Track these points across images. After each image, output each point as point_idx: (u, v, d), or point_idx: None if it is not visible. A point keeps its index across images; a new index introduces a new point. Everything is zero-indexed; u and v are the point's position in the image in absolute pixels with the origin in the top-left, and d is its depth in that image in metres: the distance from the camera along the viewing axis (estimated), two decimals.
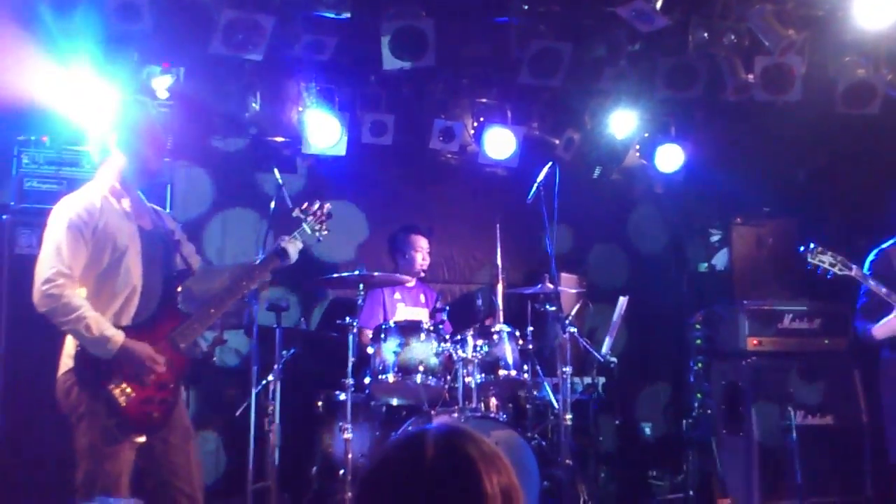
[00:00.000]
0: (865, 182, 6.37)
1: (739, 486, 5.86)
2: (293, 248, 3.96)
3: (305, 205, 4.13)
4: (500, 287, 5.70)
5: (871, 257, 4.91)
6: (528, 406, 5.62)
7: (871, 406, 5.74)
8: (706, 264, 6.89)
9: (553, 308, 5.50)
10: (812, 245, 4.77)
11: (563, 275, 5.93)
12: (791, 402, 5.75)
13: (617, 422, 6.47)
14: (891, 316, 4.69)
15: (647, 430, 6.81)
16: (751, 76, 5.73)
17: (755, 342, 6.03)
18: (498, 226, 5.82)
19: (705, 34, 5.62)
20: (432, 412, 4.99)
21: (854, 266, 4.75)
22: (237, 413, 5.07)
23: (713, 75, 5.87)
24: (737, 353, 6.07)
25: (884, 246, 4.96)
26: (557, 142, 6.48)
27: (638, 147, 6.64)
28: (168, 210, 4.57)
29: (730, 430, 6.06)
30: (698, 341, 6.47)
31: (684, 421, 6.63)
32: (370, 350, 5.16)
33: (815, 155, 6.93)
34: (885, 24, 5.09)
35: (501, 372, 5.26)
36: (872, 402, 5.59)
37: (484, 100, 6.34)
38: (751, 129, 6.57)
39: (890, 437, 4.93)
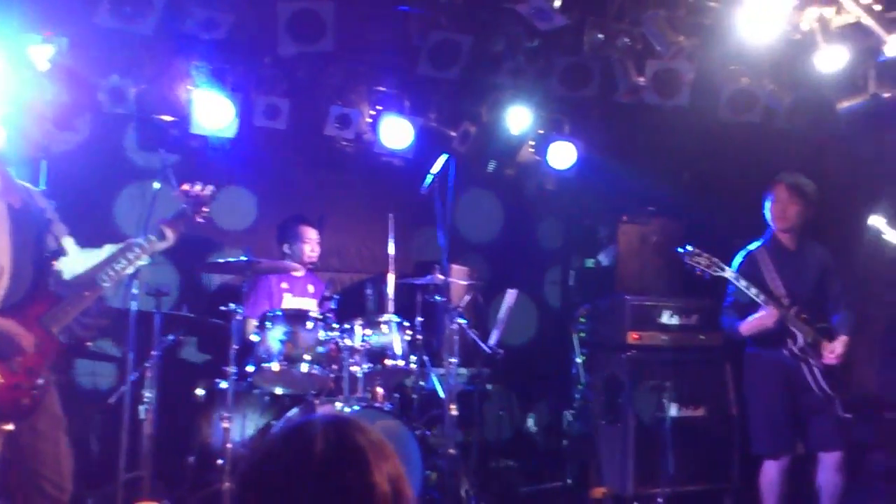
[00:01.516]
0: (746, 186, 6.62)
1: (616, 475, 6.05)
2: (172, 231, 3.86)
3: (188, 186, 4.03)
4: (390, 277, 5.70)
5: (738, 259, 5.12)
6: (414, 396, 5.65)
7: (740, 399, 6.02)
8: (593, 260, 7.04)
9: (443, 299, 5.53)
10: (689, 247, 4.94)
11: (454, 266, 5.97)
12: (666, 395, 5.97)
13: (501, 412, 6.57)
14: (757, 314, 4.90)
15: (531, 421, 6.94)
16: (642, 79, 5.88)
17: (635, 336, 6.23)
18: (391, 216, 5.81)
19: (600, 35, 5.73)
20: (317, 401, 4.96)
21: (727, 268, 4.95)
22: (111, 400, 4.93)
23: (607, 76, 6.00)
24: (618, 347, 6.25)
25: (750, 248, 5.18)
26: (454, 134, 6.51)
27: (532, 143, 6.73)
28: (42, 188, 4.37)
29: (608, 420, 6.24)
30: (582, 334, 6.63)
31: (566, 412, 6.79)
32: (255, 338, 5.09)
33: (700, 158, 7.17)
34: (767, 38, 5.29)
35: (388, 362, 5.28)
36: (741, 395, 5.85)
37: (382, 88, 6.29)
38: (640, 131, 6.75)
39: (751, 428, 5.17)
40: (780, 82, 6.11)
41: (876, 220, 4.93)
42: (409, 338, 5.41)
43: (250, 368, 5.04)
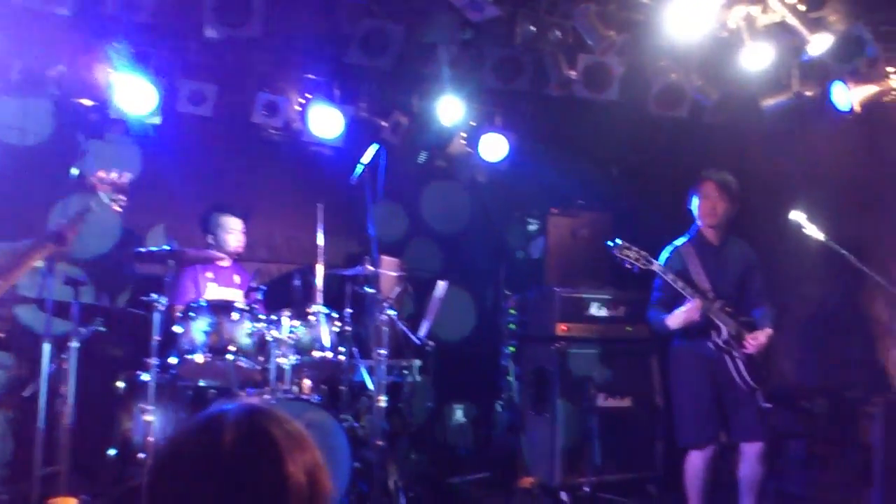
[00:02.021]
0: (673, 180, 6.73)
1: (543, 465, 6.10)
2: (71, 233, 3.72)
3: (104, 173, 3.91)
4: (319, 268, 5.63)
5: (665, 254, 5.19)
6: (342, 388, 5.59)
7: (665, 390, 6.13)
8: (523, 252, 7.07)
9: (372, 291, 5.50)
10: (618, 241, 4.99)
11: (384, 258, 5.93)
12: (594, 385, 6.04)
13: (430, 404, 6.56)
14: (684, 307, 4.97)
15: (460, 412, 6.95)
16: (573, 72, 5.91)
17: (564, 328, 6.30)
18: (320, 206, 5.74)
19: (532, 28, 5.74)
20: (242, 394, 4.88)
21: (654, 261, 5.02)
22: (25, 393, 4.76)
23: (538, 69, 6.02)
24: (547, 338, 6.30)
25: (676, 243, 5.26)
26: (385, 124, 6.45)
27: (464, 135, 6.72)
28: None
29: (537, 411, 6.29)
30: (512, 326, 6.66)
31: (495, 403, 6.82)
32: (178, 329, 4.97)
33: (629, 152, 7.26)
34: (695, 35, 5.36)
35: (316, 354, 5.23)
36: (666, 386, 5.96)
37: (311, 76, 6.20)
38: (571, 124, 6.79)
39: (676, 419, 5.26)
40: (708, 78, 6.21)
41: (797, 216, 5.03)
42: (337, 329, 5.36)
43: (173, 360, 4.93)
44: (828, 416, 6.02)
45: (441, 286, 5.96)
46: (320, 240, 5.69)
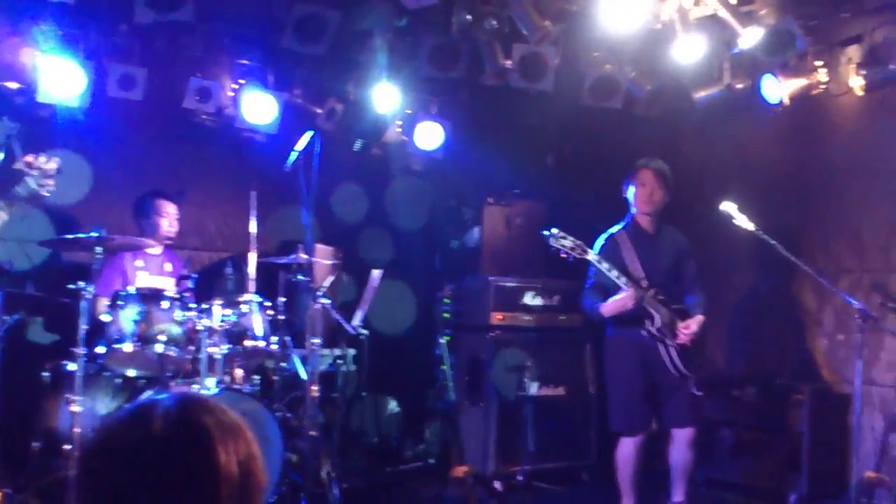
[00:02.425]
0: (607, 170, 6.80)
1: (477, 454, 6.12)
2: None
3: (31, 158, 3.79)
4: (251, 256, 5.55)
5: (600, 242, 5.23)
6: (275, 378, 5.54)
7: (598, 378, 6.21)
8: (458, 241, 7.08)
9: (306, 279, 5.44)
10: (554, 230, 5.02)
11: (318, 246, 5.87)
12: (528, 374, 6.08)
13: (364, 393, 6.53)
14: (618, 296, 5.03)
15: (393, 402, 6.94)
16: (509, 62, 5.92)
17: (499, 317, 6.32)
18: (253, 193, 5.66)
19: (468, 17, 5.74)
20: (172, 384, 4.79)
21: (590, 250, 5.06)
22: None
23: (474, 58, 6.02)
24: (481, 327, 6.32)
25: (611, 231, 5.31)
26: (320, 111, 6.38)
27: (400, 123, 6.68)
28: None
29: (471, 400, 6.30)
30: (446, 315, 6.66)
31: (429, 392, 6.83)
32: (106, 318, 4.85)
33: (564, 142, 7.32)
34: (629, 26, 5.42)
35: (248, 343, 5.16)
36: (599, 374, 6.03)
37: (245, 61, 6.11)
38: (507, 114, 6.81)
39: (610, 406, 5.33)
40: (641, 70, 6.29)
41: (727, 206, 5.12)
42: (270, 318, 5.30)
43: (101, 349, 4.81)
44: (757, 404, 6.16)
45: (375, 275, 5.92)
46: (253, 227, 5.61)
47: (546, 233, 5.02)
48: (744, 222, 5.09)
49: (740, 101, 6.20)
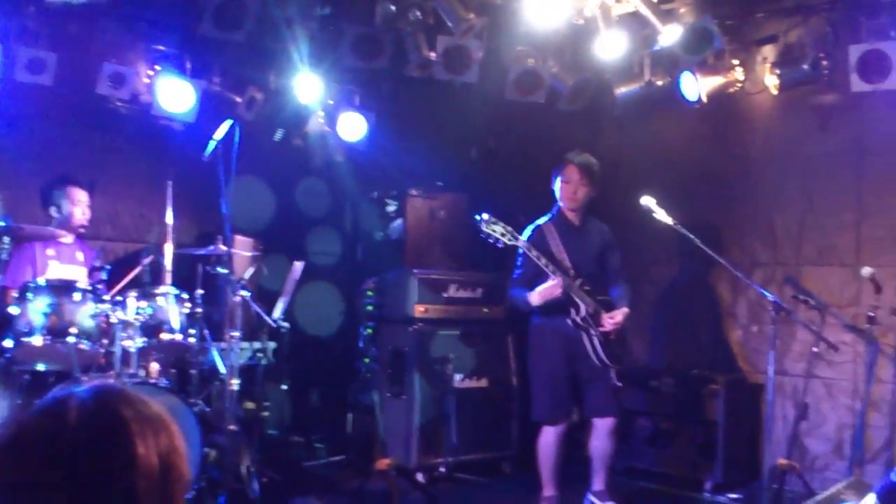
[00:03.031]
0: (530, 164, 6.85)
1: (400, 447, 6.10)
2: None
3: None
4: (168, 247, 5.41)
5: (527, 232, 5.27)
6: (192, 371, 5.40)
7: (520, 370, 6.25)
8: (381, 233, 7.04)
9: (225, 271, 5.33)
10: (485, 215, 5.03)
11: (238, 237, 5.77)
12: (451, 366, 6.09)
13: (285, 387, 6.44)
14: (547, 283, 5.06)
15: (315, 395, 6.86)
16: (433, 54, 5.90)
17: (422, 309, 6.31)
18: (170, 183, 5.51)
19: (392, 7, 5.70)
20: (84, 378, 4.64)
21: (520, 237, 5.09)
22: None
23: (398, 49, 5.97)
24: (404, 320, 6.30)
25: (539, 222, 5.35)
26: (239, 100, 6.25)
27: (322, 113, 6.59)
28: None
29: (393, 393, 6.27)
30: (369, 307, 6.61)
31: (351, 385, 6.77)
32: (14, 310, 4.66)
33: (488, 135, 7.34)
34: (552, 21, 5.45)
35: (165, 336, 5.03)
36: (522, 366, 6.07)
37: (161, 47, 5.93)
38: (431, 106, 6.79)
39: (533, 395, 5.37)
40: (564, 65, 6.33)
41: (647, 200, 5.20)
42: (188, 311, 5.17)
43: (8, 343, 4.62)
44: (674, 394, 6.29)
45: (297, 267, 5.83)
46: (170, 218, 5.46)
47: (477, 218, 5.04)
48: (663, 216, 5.18)
49: (660, 98, 6.30)
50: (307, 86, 6.23)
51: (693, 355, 6.66)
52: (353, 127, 6.58)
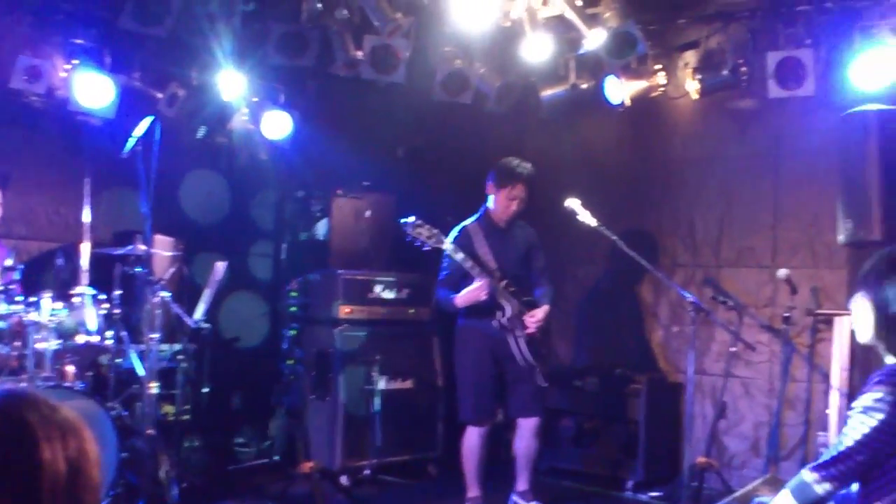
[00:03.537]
0: (457, 165, 6.87)
1: (324, 449, 6.04)
2: None
3: None
4: (85, 247, 5.25)
5: (453, 233, 5.27)
6: (110, 374, 5.27)
7: (446, 371, 6.25)
8: (306, 233, 6.96)
9: (144, 271, 5.20)
10: (411, 218, 5.02)
11: (158, 237, 5.63)
12: (376, 368, 6.06)
13: (206, 389, 6.31)
14: (473, 286, 5.08)
15: (237, 398, 6.75)
16: (360, 53, 5.86)
17: (347, 310, 6.26)
18: (87, 180, 5.36)
19: (319, 5, 5.65)
20: None
21: (446, 239, 5.09)
22: None
23: (325, 47, 5.91)
24: (329, 321, 6.24)
25: (465, 224, 5.36)
26: (160, 96, 6.09)
27: (246, 111, 6.48)
28: None
29: (318, 395, 6.21)
30: (293, 308, 6.52)
31: (275, 387, 6.68)
32: None
33: (415, 135, 7.32)
34: (479, 23, 5.47)
35: (81, 338, 4.91)
36: (447, 367, 6.07)
37: (80, 41, 5.75)
38: (357, 105, 6.74)
39: (459, 397, 5.37)
40: (491, 67, 6.36)
41: (572, 202, 5.25)
42: (105, 312, 5.05)
43: None
44: (597, 394, 6.38)
45: (219, 267, 5.72)
46: (87, 216, 5.31)
47: (403, 221, 5.03)
48: (587, 218, 5.24)
49: (585, 101, 6.38)
50: (230, 82, 6.11)
51: (616, 355, 6.76)
52: (278, 125, 6.48)
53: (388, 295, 6.47)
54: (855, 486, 2.48)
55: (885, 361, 2.54)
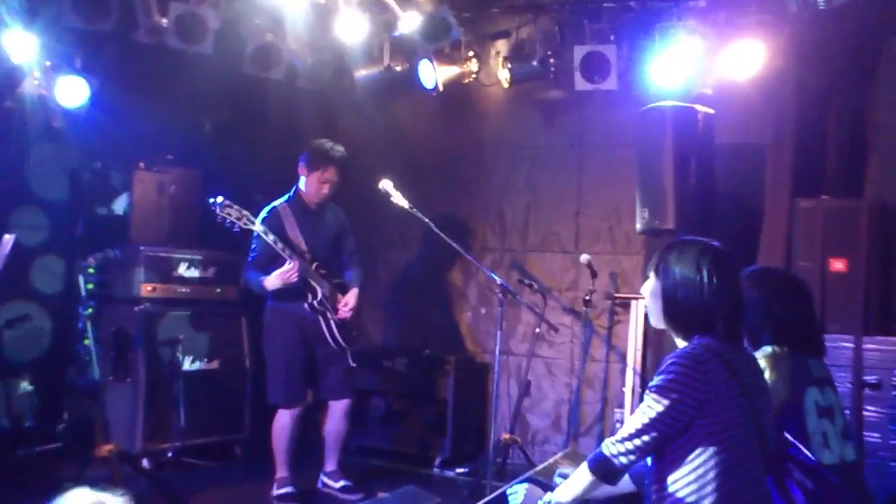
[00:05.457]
0: (267, 141, 6.71)
1: (123, 432, 5.79)
2: None
3: None
4: None
5: (263, 214, 5.17)
6: None
7: (254, 352, 6.14)
8: (105, 208, 6.59)
9: None
10: (220, 199, 4.87)
11: None
12: (181, 348, 5.87)
13: None
14: (283, 268, 5.00)
15: (25, 381, 6.33)
16: (164, 20, 5.59)
17: (149, 289, 6.02)
18: None
19: None
20: None
21: (256, 221, 4.98)
22: None
23: (127, 12, 5.58)
24: (130, 300, 5.99)
25: (275, 204, 5.27)
26: None
27: (38, 75, 6.01)
28: None
29: (117, 376, 5.94)
30: (90, 286, 6.17)
31: (70, 369, 6.32)
32: None
33: (223, 109, 7.08)
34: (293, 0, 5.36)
35: None
36: (255, 348, 5.96)
37: None
38: (161, 75, 6.41)
39: (269, 379, 5.30)
40: (304, 43, 6.24)
41: (385, 184, 5.26)
42: None
43: None
44: (407, 374, 6.46)
45: (6, 240, 5.30)
46: None
47: (212, 200, 4.88)
48: (400, 200, 5.26)
49: (399, 83, 6.41)
50: (20, 44, 5.64)
51: (426, 336, 6.88)
52: (74, 92, 6.04)
53: (194, 273, 6.27)
54: (649, 460, 2.64)
55: (677, 344, 2.70)
